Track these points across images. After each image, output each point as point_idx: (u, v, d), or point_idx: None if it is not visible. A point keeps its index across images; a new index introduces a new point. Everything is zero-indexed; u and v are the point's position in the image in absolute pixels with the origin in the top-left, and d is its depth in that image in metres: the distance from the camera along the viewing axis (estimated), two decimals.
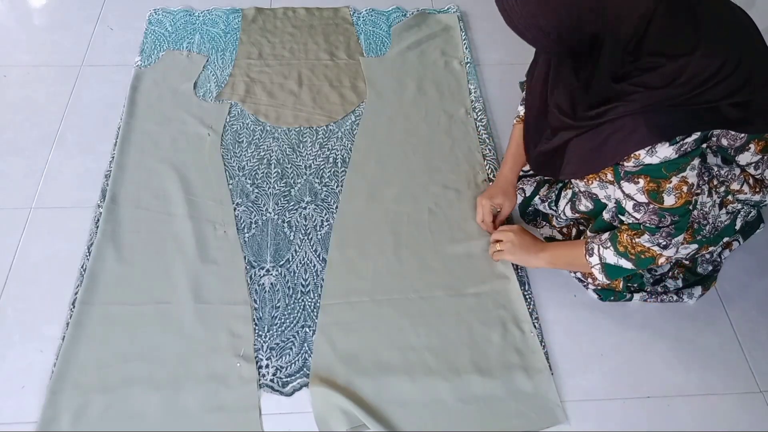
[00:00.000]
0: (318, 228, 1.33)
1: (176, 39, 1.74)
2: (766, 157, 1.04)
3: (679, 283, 1.23)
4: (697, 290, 1.22)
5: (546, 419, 1.07)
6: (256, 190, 1.39)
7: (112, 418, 1.05)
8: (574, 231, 1.28)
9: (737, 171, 1.05)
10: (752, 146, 1.01)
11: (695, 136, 0.91)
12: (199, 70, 1.65)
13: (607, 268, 1.08)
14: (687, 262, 1.24)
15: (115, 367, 1.10)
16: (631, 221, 1.04)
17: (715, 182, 1.05)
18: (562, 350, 1.17)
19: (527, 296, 1.23)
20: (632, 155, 0.93)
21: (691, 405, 1.10)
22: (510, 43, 1.70)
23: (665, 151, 0.91)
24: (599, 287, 1.22)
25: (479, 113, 1.57)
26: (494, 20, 1.64)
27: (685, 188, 0.96)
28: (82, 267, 1.24)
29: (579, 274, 1.24)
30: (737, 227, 1.13)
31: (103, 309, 1.18)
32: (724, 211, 1.09)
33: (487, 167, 1.44)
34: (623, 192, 1.00)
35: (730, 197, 1.07)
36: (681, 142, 0.91)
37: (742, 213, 1.12)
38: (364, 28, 1.81)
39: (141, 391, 1.08)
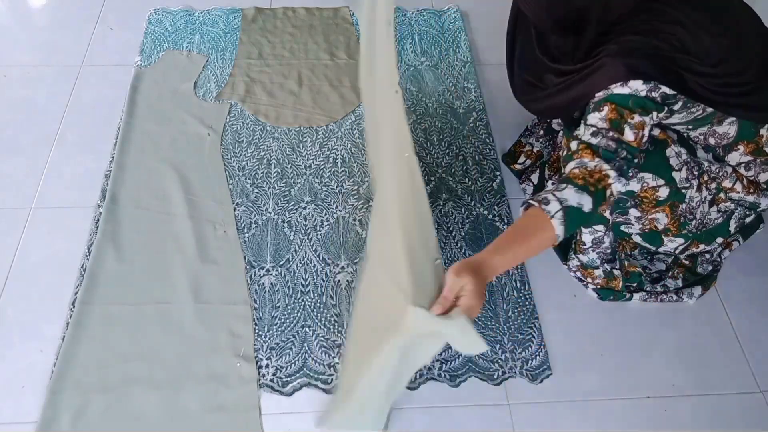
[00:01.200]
0: (318, 228, 1.33)
1: (176, 39, 1.74)
2: (759, 160, 1.04)
3: (679, 283, 1.23)
4: (697, 290, 1.23)
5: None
6: (256, 190, 1.39)
7: (112, 418, 1.05)
8: None
9: (729, 169, 1.05)
10: (741, 147, 1.02)
11: (668, 90, 0.93)
12: (199, 70, 1.65)
13: (570, 213, 0.87)
14: (687, 262, 1.24)
15: (115, 367, 1.10)
16: (584, 141, 0.95)
17: (706, 177, 1.05)
18: (562, 350, 1.17)
19: (527, 296, 1.23)
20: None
21: (691, 405, 1.10)
22: None
23: (636, 84, 0.92)
24: (599, 286, 1.22)
25: (479, 113, 1.57)
26: (494, 20, 1.65)
27: (644, 131, 0.94)
28: (82, 267, 1.24)
29: (579, 274, 1.24)
30: (731, 229, 1.13)
31: (103, 309, 1.18)
32: (715, 209, 1.09)
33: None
34: (585, 124, 0.96)
35: (722, 195, 1.07)
36: (654, 85, 0.92)
37: (736, 214, 1.11)
38: None
39: (141, 391, 1.08)
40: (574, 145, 0.96)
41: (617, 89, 0.93)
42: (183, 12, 1.82)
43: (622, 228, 1.14)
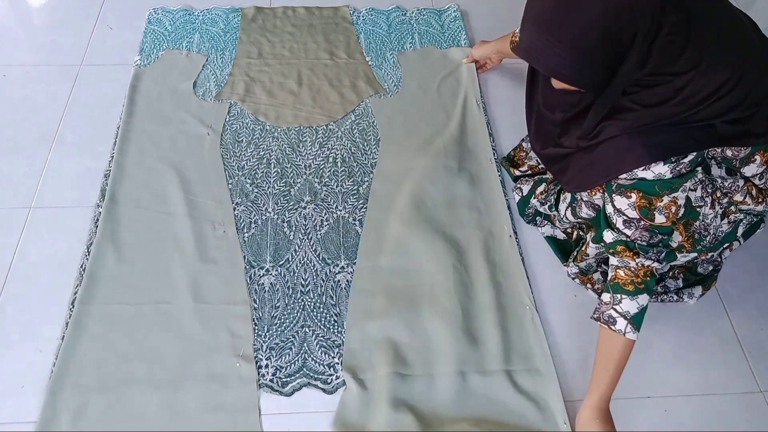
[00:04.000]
0: (318, 228, 1.33)
1: (176, 38, 1.74)
2: None
3: (680, 283, 1.23)
4: (698, 290, 1.22)
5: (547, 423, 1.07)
6: (256, 190, 1.39)
7: (112, 418, 1.05)
8: (574, 234, 1.28)
9: (741, 182, 1.05)
10: (758, 158, 1.00)
11: (691, 156, 0.91)
12: (198, 69, 1.65)
13: (635, 319, 1.00)
14: (688, 263, 1.24)
15: (115, 367, 1.10)
16: (620, 239, 1.01)
17: (719, 194, 1.04)
18: (562, 350, 1.16)
19: (529, 296, 1.23)
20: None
21: (691, 405, 1.10)
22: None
23: (660, 168, 0.92)
24: (599, 291, 1.22)
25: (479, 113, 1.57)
26: (494, 20, 1.65)
27: (673, 208, 0.96)
28: (81, 267, 1.24)
29: (578, 281, 1.24)
30: (738, 234, 1.13)
31: (103, 309, 1.18)
32: (726, 221, 1.08)
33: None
34: (614, 207, 0.99)
35: (732, 208, 1.07)
36: (676, 162, 0.91)
37: (744, 222, 1.11)
38: (363, 27, 1.81)
39: (140, 391, 1.07)
40: (609, 237, 1.02)
41: (641, 173, 0.93)
42: (182, 11, 1.82)
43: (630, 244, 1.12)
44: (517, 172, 1.43)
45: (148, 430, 1.04)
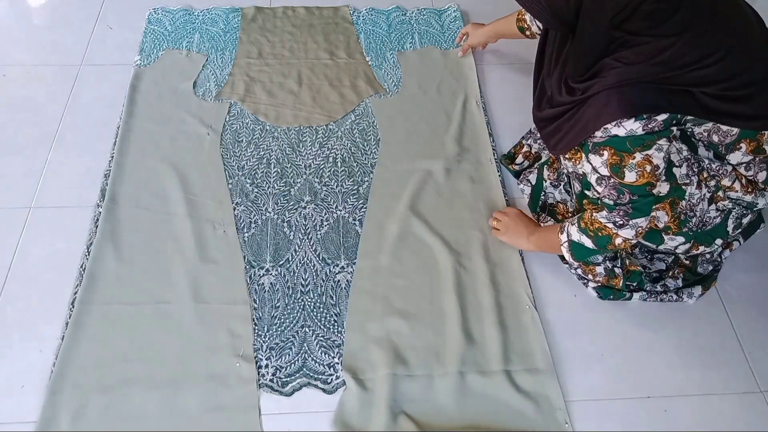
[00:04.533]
0: (318, 228, 1.33)
1: (176, 38, 1.74)
2: (758, 159, 1.03)
3: (679, 282, 1.23)
4: (697, 290, 1.22)
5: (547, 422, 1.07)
6: (256, 190, 1.39)
7: (112, 418, 1.05)
8: None
9: (729, 168, 1.05)
10: (743, 146, 1.01)
11: (665, 116, 0.93)
12: (198, 69, 1.65)
13: (573, 246, 1.12)
14: (687, 262, 1.24)
15: (115, 367, 1.10)
16: (593, 196, 1.07)
17: (705, 175, 1.05)
18: (562, 350, 1.16)
19: (529, 296, 1.23)
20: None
21: (691, 405, 1.10)
22: (510, 43, 1.70)
23: (631, 125, 0.93)
24: (600, 284, 1.22)
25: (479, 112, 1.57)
26: (494, 19, 1.64)
27: (648, 167, 0.97)
28: (81, 266, 1.24)
29: (580, 271, 1.24)
30: (729, 229, 1.12)
31: (103, 309, 1.18)
32: (714, 207, 1.08)
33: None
34: (591, 166, 1.02)
35: (720, 193, 1.07)
36: (648, 119, 0.92)
37: (734, 213, 1.11)
38: (363, 27, 1.81)
39: (140, 391, 1.07)
40: (588, 193, 1.09)
41: (614, 130, 0.94)
42: (182, 11, 1.82)
43: None
44: (515, 166, 1.44)
45: (148, 430, 1.04)
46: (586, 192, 1.10)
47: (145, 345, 1.13)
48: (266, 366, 1.12)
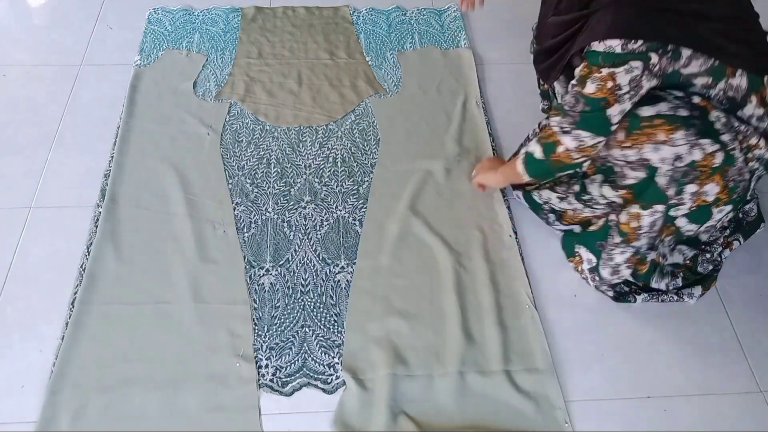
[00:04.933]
0: (318, 228, 1.33)
1: (176, 38, 1.74)
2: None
3: (679, 282, 1.23)
4: (697, 290, 1.22)
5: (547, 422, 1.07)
6: (256, 190, 1.39)
7: (112, 418, 1.05)
8: (601, 222, 1.25)
9: (752, 127, 1.06)
10: (754, 98, 1.02)
11: (644, 45, 0.94)
12: (198, 69, 1.65)
13: (528, 158, 1.14)
14: (688, 262, 1.24)
15: (115, 367, 1.10)
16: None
17: (741, 137, 1.04)
18: (562, 350, 1.16)
19: (529, 296, 1.23)
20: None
21: (691, 405, 1.10)
22: (510, 43, 1.70)
23: (611, 42, 0.95)
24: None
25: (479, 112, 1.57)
26: (494, 20, 1.65)
27: (609, 84, 0.98)
28: (81, 266, 1.24)
29: (586, 273, 1.23)
30: (751, 189, 1.12)
31: (103, 309, 1.18)
32: (747, 168, 1.07)
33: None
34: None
35: (750, 154, 1.06)
36: (625, 42, 0.94)
37: (756, 173, 1.10)
38: (363, 27, 1.81)
39: (140, 391, 1.07)
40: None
41: (594, 45, 0.98)
42: (182, 11, 1.82)
43: (670, 212, 1.10)
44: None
45: (148, 430, 1.04)
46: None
47: (145, 345, 1.13)
48: (266, 366, 1.12)
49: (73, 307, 1.17)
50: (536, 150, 1.12)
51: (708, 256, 1.24)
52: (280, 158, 1.46)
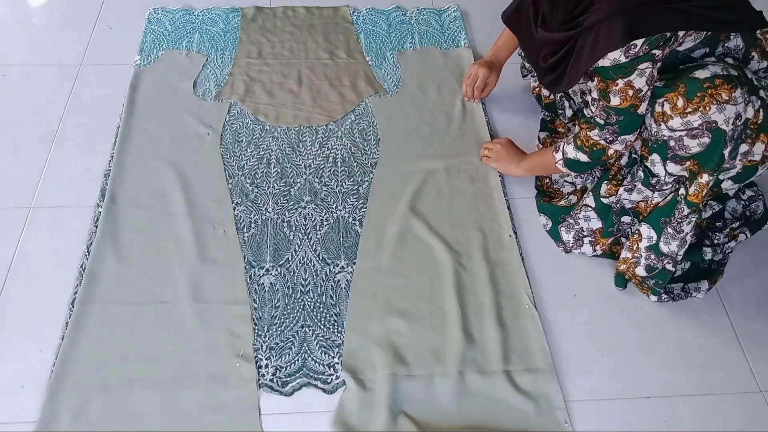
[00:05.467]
0: (318, 227, 1.33)
1: (176, 38, 1.74)
2: None
3: (686, 266, 1.23)
4: (704, 284, 1.23)
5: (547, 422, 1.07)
6: (256, 190, 1.39)
7: (112, 418, 1.05)
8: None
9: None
10: (754, 54, 1.07)
11: (645, 45, 0.98)
12: (198, 69, 1.65)
13: (568, 162, 1.24)
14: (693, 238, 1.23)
15: (115, 367, 1.10)
16: (588, 115, 1.18)
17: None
18: (562, 350, 1.16)
19: (529, 296, 1.23)
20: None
21: (691, 405, 1.10)
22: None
23: (614, 54, 1.00)
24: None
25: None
26: (494, 20, 1.64)
27: (630, 92, 1.05)
28: (81, 266, 1.24)
29: (642, 251, 1.20)
30: None
31: (103, 309, 1.18)
32: None
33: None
34: (589, 87, 1.13)
35: None
36: (629, 45, 0.98)
37: None
38: (363, 27, 1.81)
39: (140, 391, 1.07)
40: (585, 111, 1.22)
41: (599, 62, 1.03)
42: (182, 11, 1.82)
43: (720, 176, 1.11)
44: (563, 203, 1.37)
45: (148, 430, 1.04)
46: (584, 110, 1.21)
47: (145, 345, 1.13)
48: (266, 366, 1.12)
49: (73, 307, 1.17)
50: (581, 156, 1.20)
51: (718, 249, 1.25)
52: (280, 158, 1.46)
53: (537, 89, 1.58)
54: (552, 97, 1.51)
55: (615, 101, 1.08)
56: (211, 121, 1.52)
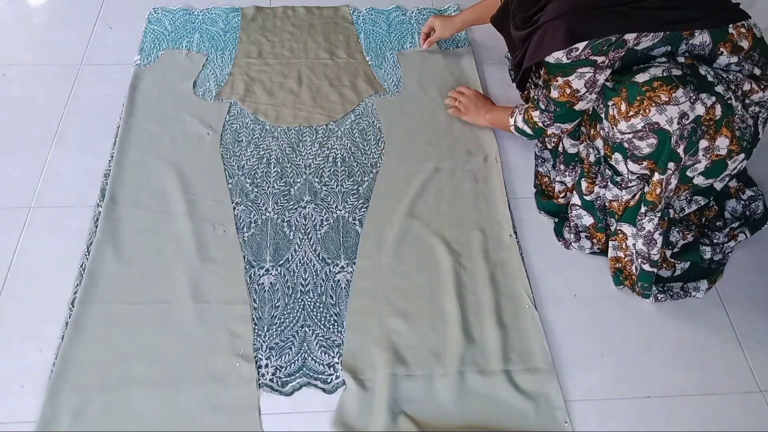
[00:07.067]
0: (317, 227, 1.33)
1: (176, 38, 1.74)
2: (741, 55, 1.08)
3: (685, 265, 1.24)
4: (704, 284, 1.22)
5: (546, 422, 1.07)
6: (256, 190, 1.39)
7: (112, 418, 1.05)
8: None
9: (740, 75, 1.09)
10: (723, 49, 1.08)
11: (588, 48, 1.02)
12: (198, 69, 1.65)
13: (517, 129, 1.35)
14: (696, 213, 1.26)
15: (115, 367, 1.10)
16: (534, 96, 1.27)
17: (733, 87, 1.07)
18: (562, 350, 1.16)
19: (529, 296, 1.23)
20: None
21: (691, 405, 1.10)
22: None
23: (557, 54, 1.06)
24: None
25: None
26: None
27: (567, 90, 1.13)
28: (81, 266, 1.24)
29: (631, 249, 1.21)
30: (760, 135, 1.13)
31: (103, 308, 1.18)
32: (748, 114, 1.10)
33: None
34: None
35: (747, 100, 1.09)
36: (571, 48, 1.02)
37: (761, 117, 1.12)
38: (363, 27, 1.81)
39: (140, 391, 1.07)
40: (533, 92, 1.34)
41: (547, 58, 1.09)
42: (182, 11, 1.82)
43: (687, 173, 1.12)
44: (561, 200, 1.37)
45: (148, 430, 1.04)
46: (532, 90, 1.34)
47: (145, 345, 1.13)
48: (266, 366, 1.12)
49: (73, 306, 1.17)
50: (526, 128, 1.32)
51: (717, 249, 1.25)
52: (280, 158, 1.46)
53: (524, 95, 1.58)
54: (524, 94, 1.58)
55: (554, 94, 1.16)
56: (211, 121, 1.52)
